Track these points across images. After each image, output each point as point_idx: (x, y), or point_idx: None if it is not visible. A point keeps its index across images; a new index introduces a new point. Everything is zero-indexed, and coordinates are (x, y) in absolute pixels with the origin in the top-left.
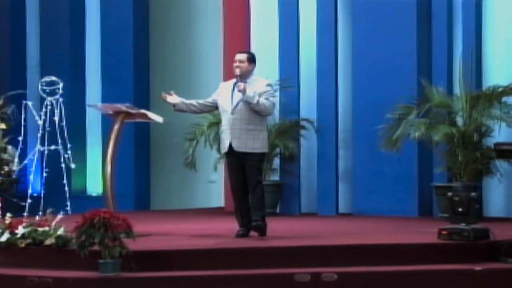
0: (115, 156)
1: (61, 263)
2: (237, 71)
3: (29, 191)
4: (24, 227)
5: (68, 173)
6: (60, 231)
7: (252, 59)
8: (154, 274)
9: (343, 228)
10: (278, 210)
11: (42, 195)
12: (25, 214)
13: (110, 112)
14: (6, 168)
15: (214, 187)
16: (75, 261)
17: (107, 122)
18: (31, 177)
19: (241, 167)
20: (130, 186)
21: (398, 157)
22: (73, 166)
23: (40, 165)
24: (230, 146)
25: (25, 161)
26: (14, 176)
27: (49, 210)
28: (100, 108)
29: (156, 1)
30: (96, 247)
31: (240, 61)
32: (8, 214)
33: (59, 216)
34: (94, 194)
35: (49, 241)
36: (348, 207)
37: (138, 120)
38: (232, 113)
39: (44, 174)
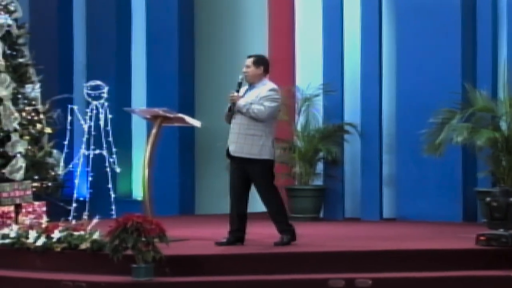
0: (153, 160)
1: (95, 267)
2: (240, 77)
3: (75, 195)
4: (60, 231)
5: (114, 177)
6: (96, 236)
7: (259, 62)
8: (187, 279)
9: (383, 233)
10: (321, 215)
11: (87, 199)
12: (70, 218)
13: (148, 116)
14: (51, 172)
15: None
16: (109, 265)
17: (152, 126)
18: (77, 181)
19: (242, 174)
20: (175, 190)
21: (442, 161)
22: (118, 170)
23: (85, 169)
24: (228, 150)
25: (70, 166)
26: (59, 180)
27: (85, 215)
28: (138, 113)
29: (202, 5)
30: (130, 252)
31: (247, 66)
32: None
33: (95, 221)
34: (139, 198)
35: (84, 245)
36: (392, 212)
37: (176, 124)
38: (234, 117)
39: (90, 178)
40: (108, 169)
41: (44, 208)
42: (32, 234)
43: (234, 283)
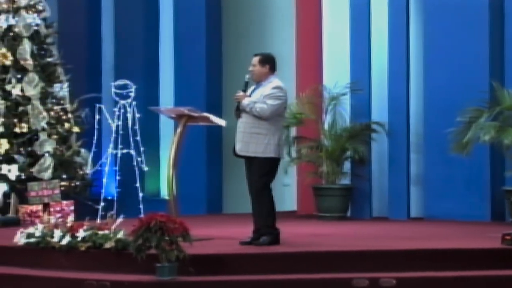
0: (178, 160)
1: (119, 266)
2: (247, 76)
3: (103, 194)
4: (84, 231)
5: (141, 176)
6: (120, 235)
7: (264, 61)
8: (211, 278)
9: (410, 232)
10: (348, 214)
11: (115, 198)
12: (98, 217)
13: (173, 115)
14: (79, 172)
15: (287, 191)
16: (133, 264)
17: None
18: (105, 180)
19: (250, 173)
20: (202, 189)
21: (470, 161)
22: (145, 169)
23: (113, 169)
24: (234, 149)
25: (98, 165)
26: (87, 179)
27: (109, 214)
28: (163, 112)
29: (229, 4)
30: (153, 251)
31: (252, 65)
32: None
33: (119, 220)
34: (167, 197)
35: (108, 245)
36: (420, 211)
37: (201, 123)
38: (240, 116)
39: (117, 177)
40: (136, 168)
41: (72, 207)
42: (57, 233)
43: (258, 282)
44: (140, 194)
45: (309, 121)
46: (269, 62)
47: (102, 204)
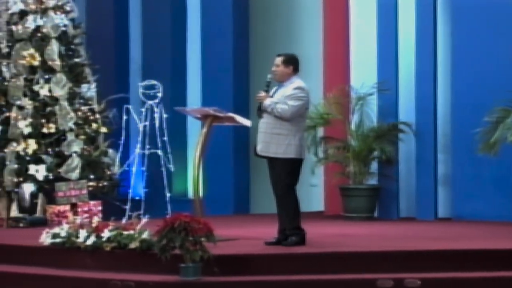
0: (203, 160)
1: (144, 266)
2: (268, 76)
3: (130, 195)
4: (109, 231)
5: (169, 176)
6: (145, 235)
7: (288, 62)
8: (235, 278)
9: (436, 233)
10: (376, 214)
11: (142, 198)
12: (125, 217)
13: (198, 115)
14: (107, 172)
15: (315, 191)
16: (158, 265)
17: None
18: (132, 180)
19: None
20: (230, 189)
21: (497, 161)
22: (172, 169)
23: (141, 169)
24: (255, 149)
25: (126, 165)
26: (115, 180)
27: (134, 214)
28: (188, 112)
29: (256, 4)
30: (178, 251)
31: (276, 65)
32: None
33: (144, 220)
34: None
35: (133, 245)
36: (448, 212)
37: (226, 123)
38: (261, 116)
39: (145, 178)
40: (163, 169)
41: (100, 208)
42: (82, 233)
43: (282, 283)
44: (168, 194)
45: (336, 121)
46: (292, 63)
47: (129, 204)
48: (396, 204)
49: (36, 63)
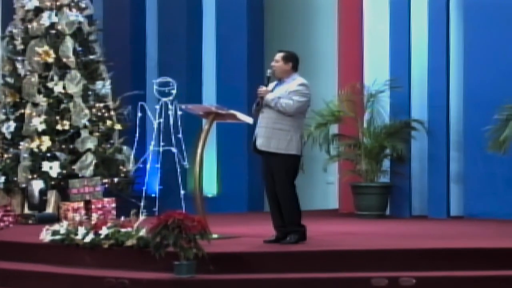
0: (204, 157)
1: (140, 264)
2: (268, 71)
3: (145, 192)
4: (107, 228)
5: (183, 173)
6: (142, 232)
7: (288, 58)
8: (230, 276)
9: (449, 231)
10: (388, 212)
11: (157, 195)
12: (140, 214)
13: (201, 112)
14: (121, 169)
15: (331, 189)
16: (154, 262)
17: (222, 122)
18: (147, 177)
19: (269, 169)
20: (244, 187)
21: (510, 158)
22: (187, 166)
23: (155, 166)
24: (254, 144)
25: (140, 162)
26: (129, 177)
27: (133, 212)
28: (191, 109)
29: (271, 1)
30: (172, 249)
31: (275, 60)
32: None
33: (142, 217)
34: (209, 195)
35: (130, 242)
36: (460, 210)
37: (228, 120)
38: (262, 111)
39: (159, 175)
40: (177, 166)
41: (114, 205)
42: (81, 230)
43: (277, 281)
44: (182, 192)
45: (348, 119)
46: (292, 60)
47: (144, 201)
48: (408, 202)
49: (50, 60)
